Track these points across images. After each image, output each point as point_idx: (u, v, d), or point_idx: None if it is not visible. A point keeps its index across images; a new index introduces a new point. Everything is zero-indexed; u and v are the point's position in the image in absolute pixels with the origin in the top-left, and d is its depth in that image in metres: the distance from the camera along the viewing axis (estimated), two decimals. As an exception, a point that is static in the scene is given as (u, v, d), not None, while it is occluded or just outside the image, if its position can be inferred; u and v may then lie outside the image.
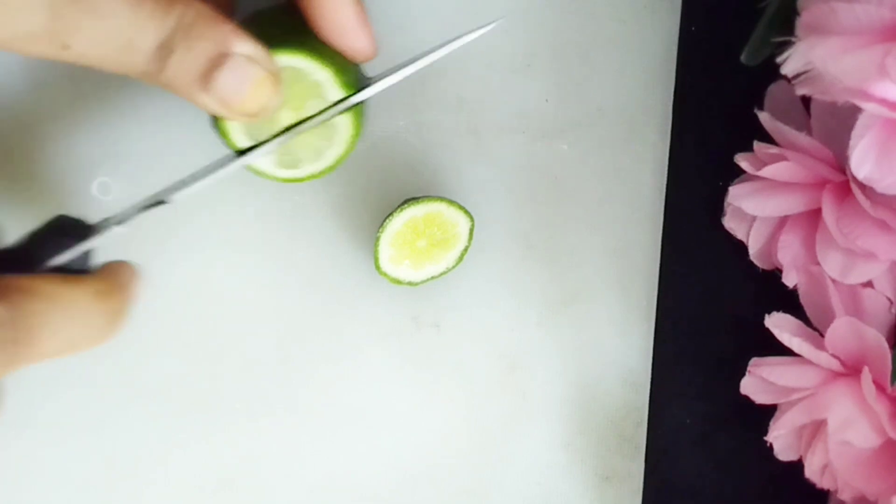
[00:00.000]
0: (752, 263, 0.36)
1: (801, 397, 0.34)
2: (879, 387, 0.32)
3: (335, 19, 0.30)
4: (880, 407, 0.32)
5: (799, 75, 0.28)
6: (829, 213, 0.32)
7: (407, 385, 0.38)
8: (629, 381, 0.39)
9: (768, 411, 0.35)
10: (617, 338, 0.39)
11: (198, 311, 0.37)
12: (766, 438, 0.35)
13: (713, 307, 0.38)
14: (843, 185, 0.32)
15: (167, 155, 0.36)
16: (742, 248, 0.36)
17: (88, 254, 0.29)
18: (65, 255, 0.28)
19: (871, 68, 0.25)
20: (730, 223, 0.36)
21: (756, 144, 0.34)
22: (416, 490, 0.39)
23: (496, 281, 0.38)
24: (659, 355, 0.39)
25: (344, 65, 0.31)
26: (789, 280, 0.34)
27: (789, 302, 0.34)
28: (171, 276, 0.36)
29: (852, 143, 0.28)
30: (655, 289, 0.38)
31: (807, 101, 0.34)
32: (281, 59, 0.29)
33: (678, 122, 0.38)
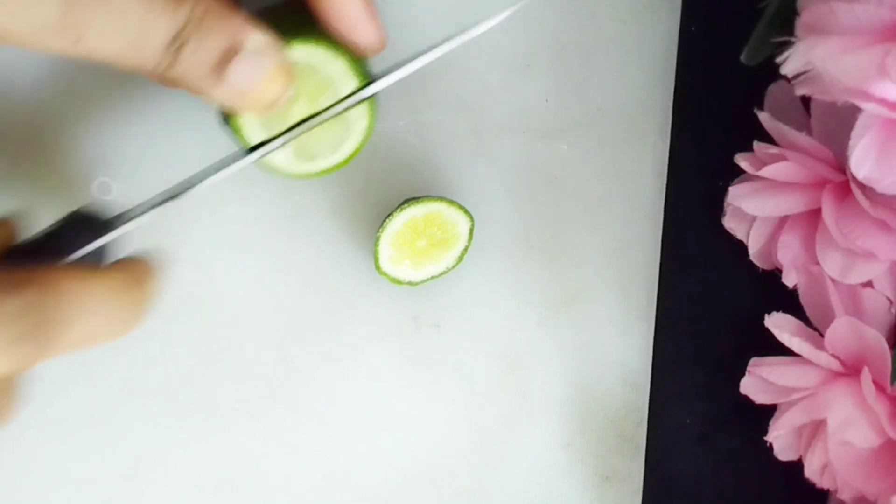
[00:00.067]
0: (752, 263, 0.36)
1: (801, 397, 0.34)
2: (879, 387, 0.32)
3: (343, 13, 0.30)
4: (880, 407, 0.32)
5: (799, 75, 0.28)
6: (829, 213, 0.32)
7: (407, 385, 0.38)
8: (629, 381, 0.39)
9: (768, 411, 0.35)
10: (617, 338, 0.39)
11: (198, 311, 0.37)
12: (766, 438, 0.35)
13: (713, 307, 0.38)
14: (843, 185, 0.32)
15: (168, 154, 0.36)
16: (742, 248, 0.36)
17: (106, 248, 0.29)
18: (83, 249, 0.28)
19: (871, 68, 0.25)
20: (730, 223, 0.36)
21: (756, 144, 0.34)
22: (416, 490, 0.39)
23: (496, 281, 0.38)
24: (659, 355, 0.39)
25: (354, 58, 0.31)
26: (789, 280, 0.34)
27: (789, 302, 0.34)
28: (171, 276, 0.36)
29: (852, 143, 0.28)
30: (655, 289, 0.38)
31: (807, 101, 0.34)
32: (293, 52, 0.29)
33: (678, 122, 0.38)
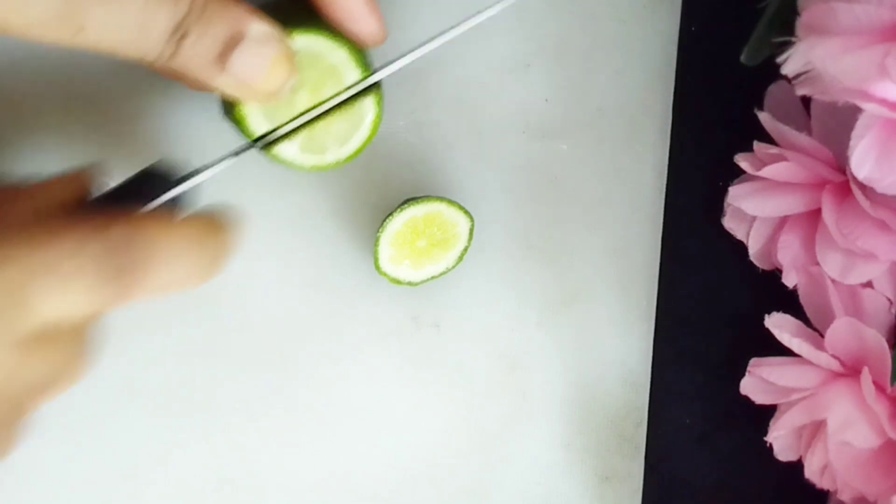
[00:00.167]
0: (752, 263, 0.36)
1: (801, 397, 0.34)
2: (879, 387, 0.32)
3: (345, 4, 0.30)
4: (880, 407, 0.32)
5: (799, 75, 0.28)
6: (829, 213, 0.32)
7: (407, 385, 0.38)
8: (629, 381, 0.39)
9: (768, 411, 0.35)
10: (617, 338, 0.39)
11: (197, 310, 0.37)
12: (766, 438, 0.35)
13: (713, 307, 0.38)
14: (843, 185, 0.32)
15: (168, 153, 0.36)
16: (742, 248, 0.36)
17: (180, 200, 0.29)
18: (159, 199, 0.28)
19: (871, 68, 0.25)
20: (730, 223, 0.36)
21: (756, 144, 0.34)
22: (416, 490, 0.39)
23: (496, 281, 0.38)
24: (659, 355, 0.39)
25: (355, 49, 0.31)
26: (789, 280, 0.34)
27: (789, 302, 0.34)
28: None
29: (852, 143, 0.28)
30: (655, 289, 0.38)
31: (807, 101, 0.34)
32: (297, 40, 0.29)
33: (678, 122, 0.38)
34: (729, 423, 0.38)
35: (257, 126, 0.31)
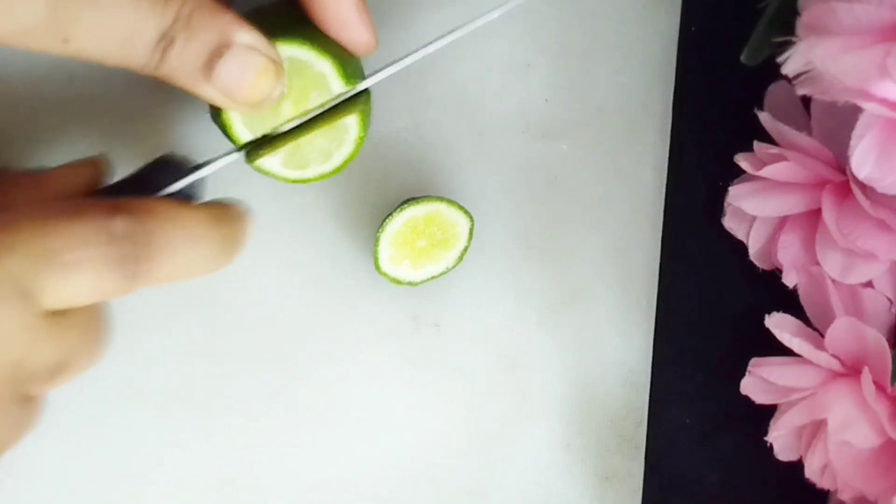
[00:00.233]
0: (752, 263, 0.36)
1: (801, 397, 0.34)
2: (879, 387, 0.32)
3: (336, 12, 0.30)
4: (880, 407, 0.32)
5: (799, 75, 0.28)
6: (829, 213, 0.32)
7: (407, 385, 0.38)
8: (629, 381, 0.39)
9: (768, 411, 0.35)
10: (617, 338, 0.39)
11: (197, 311, 0.37)
12: (766, 438, 0.35)
13: (713, 307, 0.38)
14: (843, 185, 0.32)
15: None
16: (742, 248, 0.36)
17: (194, 189, 0.29)
18: (173, 187, 0.28)
19: (871, 68, 0.25)
20: (730, 223, 0.36)
21: (756, 144, 0.34)
22: (416, 490, 0.39)
23: (496, 281, 0.38)
24: (659, 355, 0.39)
25: (345, 57, 0.31)
26: (789, 280, 0.34)
27: (789, 302, 0.34)
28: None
29: (853, 143, 0.28)
30: (655, 289, 0.38)
31: (807, 101, 0.34)
32: (283, 50, 0.29)
33: (678, 122, 0.38)
34: (729, 423, 0.38)
35: (241, 133, 0.30)
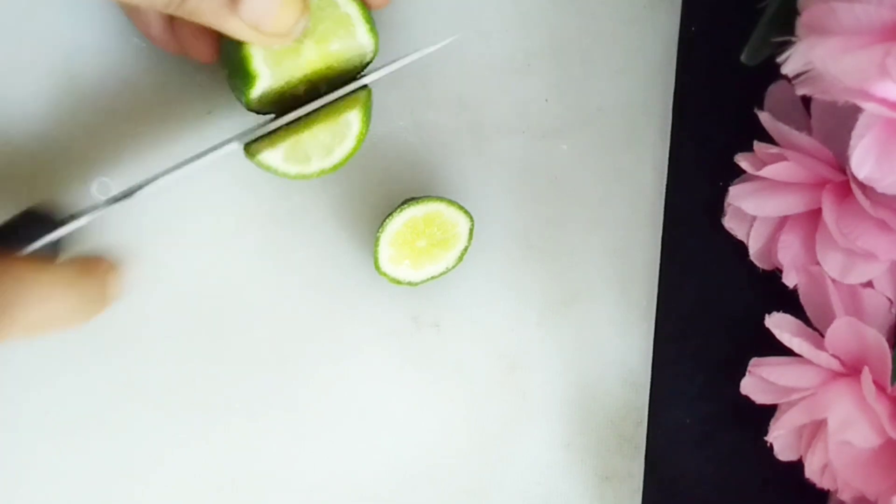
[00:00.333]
0: (752, 263, 0.36)
1: (801, 397, 0.34)
2: (879, 387, 0.32)
3: None
4: (880, 407, 0.32)
5: (799, 75, 0.28)
6: (829, 213, 0.32)
7: (407, 385, 0.38)
8: (629, 381, 0.39)
9: (768, 411, 0.35)
10: (617, 338, 0.39)
11: (198, 310, 0.37)
12: (766, 438, 0.35)
13: (713, 307, 0.38)
14: (843, 185, 0.32)
15: (167, 154, 0.36)
16: (742, 248, 0.36)
17: (60, 245, 0.29)
18: (37, 243, 0.29)
19: (871, 68, 0.25)
20: (730, 223, 0.36)
21: (756, 144, 0.34)
22: (416, 490, 0.39)
23: (496, 281, 0.38)
24: (659, 355, 0.39)
25: (367, 11, 0.31)
26: (789, 280, 0.34)
27: (789, 302, 0.34)
28: (171, 276, 0.36)
29: (853, 143, 0.28)
30: (655, 289, 0.38)
31: (807, 101, 0.34)
32: None
33: (678, 122, 0.38)
34: (729, 423, 0.38)
35: (261, 70, 0.30)
